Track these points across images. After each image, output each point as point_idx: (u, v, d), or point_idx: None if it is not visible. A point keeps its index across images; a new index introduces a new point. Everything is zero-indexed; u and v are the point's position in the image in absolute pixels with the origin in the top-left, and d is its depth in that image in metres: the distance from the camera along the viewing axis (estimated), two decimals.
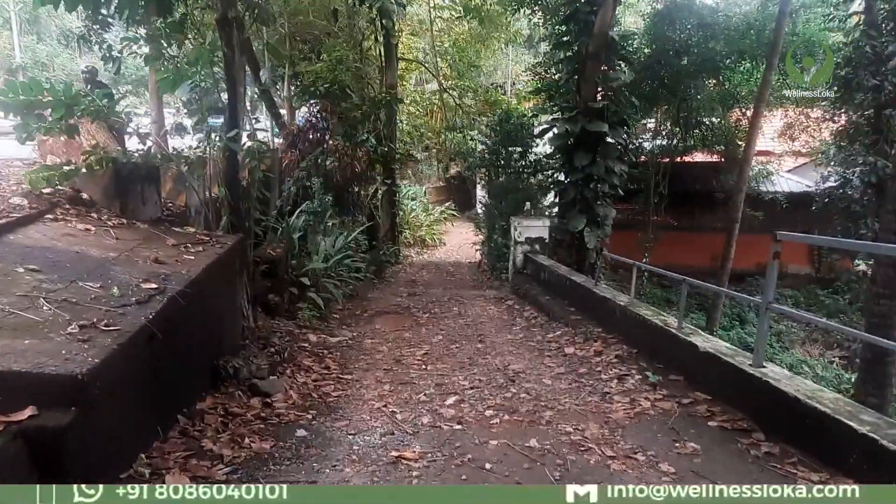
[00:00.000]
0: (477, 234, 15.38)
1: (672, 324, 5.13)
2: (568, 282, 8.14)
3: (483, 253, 14.85)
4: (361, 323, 8.06)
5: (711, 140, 16.14)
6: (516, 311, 8.62)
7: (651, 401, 4.27)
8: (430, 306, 9.15)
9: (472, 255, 16.43)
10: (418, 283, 12.80)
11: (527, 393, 4.65)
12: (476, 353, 6.14)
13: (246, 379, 4.60)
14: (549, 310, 7.89)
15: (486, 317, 8.28)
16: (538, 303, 8.50)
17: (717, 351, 4.29)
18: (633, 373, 4.94)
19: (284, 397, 4.48)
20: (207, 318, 4.43)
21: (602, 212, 11.72)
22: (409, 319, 8.24)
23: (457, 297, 9.97)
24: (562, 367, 5.39)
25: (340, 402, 4.54)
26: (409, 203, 21.78)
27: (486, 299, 9.83)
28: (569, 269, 9.19)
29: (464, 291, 11.01)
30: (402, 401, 4.59)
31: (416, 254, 18.98)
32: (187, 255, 4.49)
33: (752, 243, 16.09)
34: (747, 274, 17.25)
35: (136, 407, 3.07)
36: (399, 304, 9.36)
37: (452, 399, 4.56)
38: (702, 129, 15.98)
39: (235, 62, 5.60)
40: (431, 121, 22.34)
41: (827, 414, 3.10)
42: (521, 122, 13.06)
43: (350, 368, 5.62)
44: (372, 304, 9.40)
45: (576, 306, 7.62)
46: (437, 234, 21.49)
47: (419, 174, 27.38)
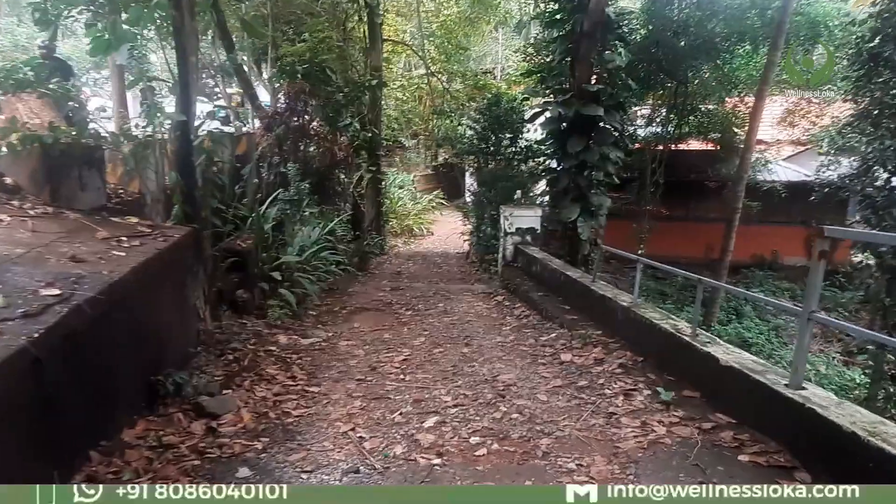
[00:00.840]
0: (465, 223, 14.70)
1: (685, 330, 4.50)
2: (562, 277, 7.49)
3: (471, 243, 14.18)
4: (339, 321, 7.38)
5: (708, 127, 15.54)
6: (506, 308, 7.96)
7: (666, 425, 3.63)
8: (413, 302, 8.48)
9: (460, 245, 15.75)
10: (403, 275, 12.12)
11: (519, 412, 4.00)
12: (461, 358, 5.48)
13: (191, 396, 3.91)
14: (542, 308, 7.25)
15: (473, 314, 7.62)
16: (530, 299, 7.85)
17: (742, 366, 3.66)
18: (641, 387, 4.31)
19: (235, 418, 3.80)
20: (140, 326, 3.72)
21: (596, 201, 11.10)
22: (390, 317, 7.57)
23: (443, 292, 9.31)
24: (558, 378, 4.74)
25: (301, 425, 3.87)
26: (397, 191, 21.07)
27: (473, 294, 9.18)
28: (563, 262, 8.54)
29: (451, 285, 10.34)
30: (374, 422, 3.92)
31: (403, 244, 18.29)
32: (118, 251, 3.77)
33: (748, 234, 15.70)
34: (743, 266, 16.78)
35: (11, 453, 2.37)
36: (381, 300, 8.68)
37: (432, 420, 3.90)
38: (698, 116, 15.38)
39: (185, 26, 4.84)
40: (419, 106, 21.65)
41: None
42: (512, 107, 12.33)
43: (319, 378, 4.94)
44: (352, 300, 8.71)
45: (571, 304, 6.98)
46: (425, 223, 20.81)
47: (407, 162, 26.64)
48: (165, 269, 4.20)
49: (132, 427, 3.42)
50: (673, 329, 4.56)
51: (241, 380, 4.61)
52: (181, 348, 4.51)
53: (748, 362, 3.75)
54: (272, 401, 4.26)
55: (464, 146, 13.54)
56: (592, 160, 10.73)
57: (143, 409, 3.65)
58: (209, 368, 4.63)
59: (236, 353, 5.13)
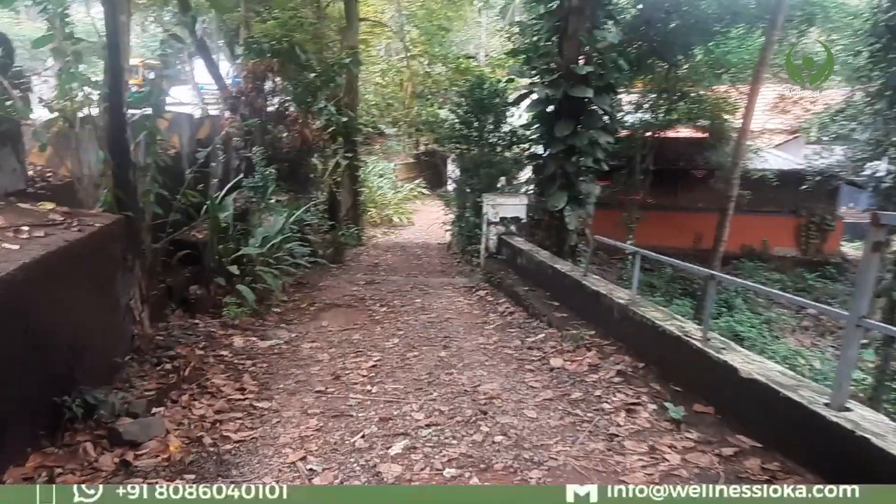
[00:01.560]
0: (447, 212, 14.05)
1: (693, 333, 3.90)
2: (550, 270, 6.88)
3: (453, 234, 13.55)
4: (305, 319, 6.70)
5: (697, 114, 15.01)
6: (489, 303, 7.34)
7: (679, 451, 3.04)
8: (389, 297, 7.82)
9: (441, 235, 15.09)
10: (381, 267, 11.46)
11: (504, 434, 3.37)
12: (438, 364, 4.84)
13: (107, 420, 3.23)
14: (528, 304, 6.63)
15: (453, 311, 6.98)
16: (514, 294, 7.23)
17: (769, 379, 3.07)
18: (645, 400, 3.71)
19: (158, 447, 3.13)
20: (39, 335, 3.02)
21: (585, 188, 10.52)
22: (362, 315, 6.90)
23: (421, 286, 8.66)
24: (548, 388, 4.12)
25: (241, 453, 3.21)
26: (376, 180, 20.35)
27: (454, 288, 8.54)
28: (550, 254, 7.92)
29: (430, 278, 9.71)
30: (330, 448, 3.27)
31: (383, 234, 17.60)
32: (11, 243, 3.06)
33: (737, 224, 15.29)
34: (732, 256, 16.34)
35: None
36: (354, 295, 8.00)
37: (400, 445, 3.26)
38: (687, 102, 14.84)
39: None
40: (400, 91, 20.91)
41: None
42: (495, 90, 11.64)
43: (272, 390, 4.27)
44: (323, 294, 8.03)
45: (560, 300, 6.37)
46: (406, 212, 20.13)
47: (387, 150, 25.87)
48: (80, 265, 3.50)
49: (22, 464, 2.75)
50: (679, 332, 3.96)
51: (179, 394, 3.93)
52: (105, 358, 3.81)
53: (775, 374, 3.16)
54: (211, 420, 3.59)
55: (445, 132, 12.84)
56: (581, 145, 10.15)
57: (41, 438, 2.97)
58: (140, 381, 3.95)
59: (177, 360, 4.44)
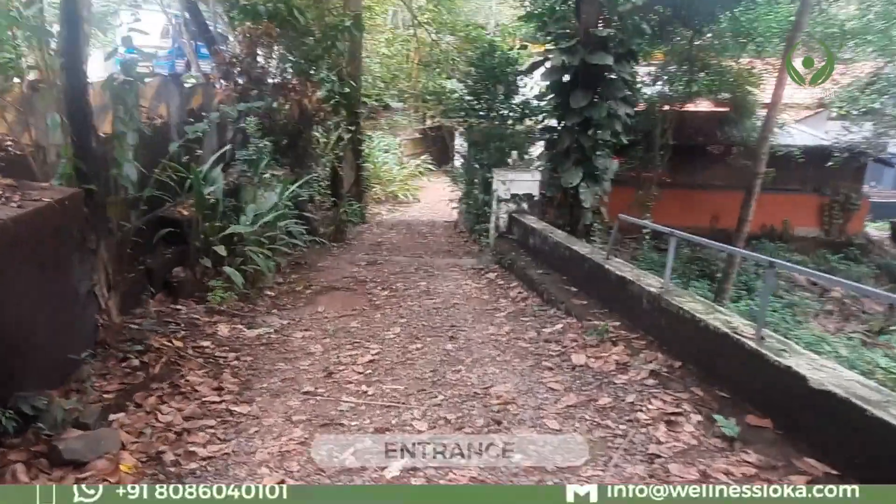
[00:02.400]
0: (454, 189, 13.41)
1: (744, 330, 3.31)
2: (567, 252, 6.28)
3: (460, 212, 12.93)
4: (300, 304, 6.18)
5: (719, 86, 14.21)
6: (499, 287, 6.78)
7: (738, 479, 2.48)
8: (391, 280, 7.26)
9: (448, 213, 14.46)
10: (384, 246, 10.87)
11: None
12: (445, 359, 4.30)
13: (47, 434, 2.70)
14: (543, 289, 6.05)
15: (461, 296, 6.43)
16: (527, 278, 6.65)
17: (849, 393, 2.49)
18: (687, 409, 3.15)
19: (107, 468, 2.60)
20: None
21: (601, 164, 9.90)
22: (361, 299, 6.36)
23: (427, 267, 8.09)
24: (571, 391, 3.57)
25: (206, 474, 2.68)
26: (382, 155, 19.68)
27: (461, 270, 7.97)
28: (566, 234, 7.32)
29: (436, 259, 9.13)
30: (314, 469, 2.74)
31: (388, 211, 16.98)
32: None
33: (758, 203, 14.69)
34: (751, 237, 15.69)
35: None
36: (354, 277, 7.45)
37: (397, 466, 2.72)
38: (709, 73, 14.03)
39: None
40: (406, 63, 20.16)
41: None
42: (507, 58, 10.92)
43: (255, 389, 3.74)
44: (321, 276, 7.49)
45: (579, 286, 5.79)
46: (411, 189, 19.48)
47: (393, 124, 25.15)
48: (19, 247, 2.94)
49: None
50: (727, 328, 3.37)
51: (145, 395, 3.41)
52: (57, 356, 3.27)
53: (855, 386, 2.58)
54: (178, 430, 3.06)
55: (453, 103, 12.14)
56: (598, 117, 9.49)
57: None
58: (101, 381, 3.42)
59: (148, 354, 3.90)
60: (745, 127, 14.60)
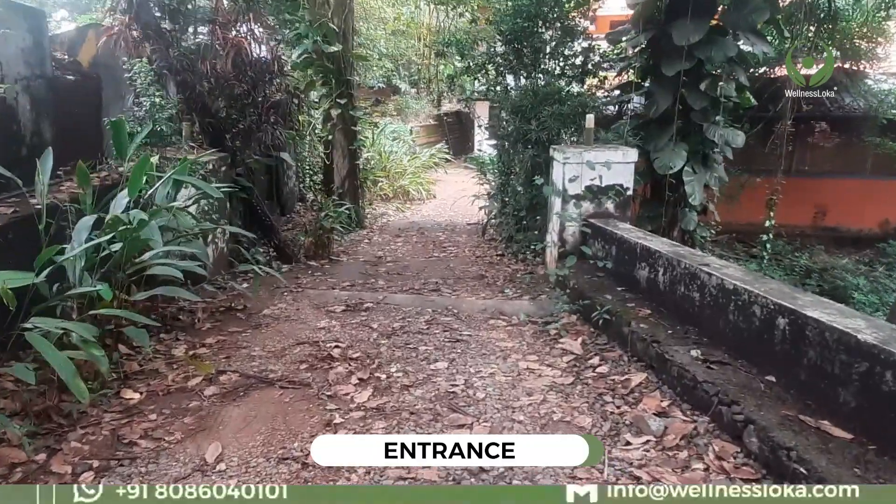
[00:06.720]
0: (481, 182, 9.78)
1: None
2: (763, 316, 2.66)
3: (489, 212, 9.33)
4: (165, 443, 2.67)
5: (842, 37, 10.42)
6: (611, 389, 3.19)
7: None
8: (381, 353, 3.74)
9: (470, 211, 10.78)
10: (382, 268, 7.24)
11: None
12: None
13: None
14: (719, 403, 2.46)
15: (529, 413, 2.86)
16: (666, 363, 3.07)
17: None
18: None
19: None
20: None
21: (720, 135, 6.36)
22: (309, 418, 2.82)
23: (448, 318, 4.56)
24: None
25: None
26: (390, 143, 16.18)
27: (512, 325, 4.40)
28: (750, 272, 3.64)
29: (463, 294, 5.57)
30: None
31: (396, 210, 13.41)
32: None
33: (871, 191, 11.72)
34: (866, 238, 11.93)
35: None
36: (308, 343, 3.94)
37: None
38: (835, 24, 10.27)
39: None
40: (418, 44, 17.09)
41: None
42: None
43: None
44: (247, 343, 4.02)
45: (821, 400, 2.18)
46: (425, 183, 15.91)
47: (404, 108, 21.69)
48: None
49: None
50: None
51: None
52: None
53: None
54: None
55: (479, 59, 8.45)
56: (719, 60, 5.96)
57: None
58: None
59: None
60: (866, 93, 10.89)
